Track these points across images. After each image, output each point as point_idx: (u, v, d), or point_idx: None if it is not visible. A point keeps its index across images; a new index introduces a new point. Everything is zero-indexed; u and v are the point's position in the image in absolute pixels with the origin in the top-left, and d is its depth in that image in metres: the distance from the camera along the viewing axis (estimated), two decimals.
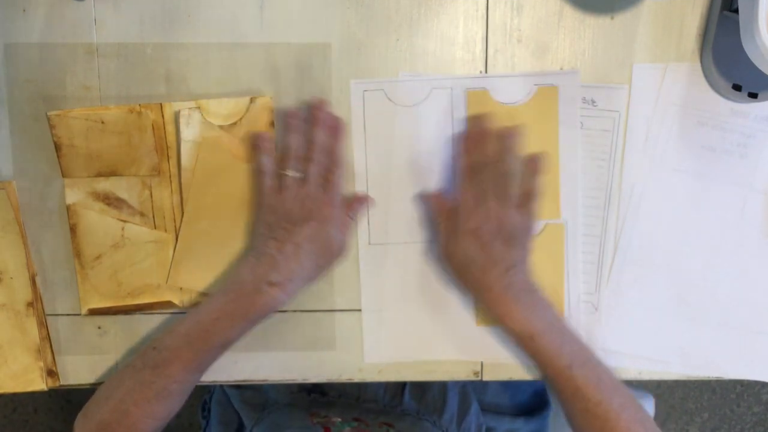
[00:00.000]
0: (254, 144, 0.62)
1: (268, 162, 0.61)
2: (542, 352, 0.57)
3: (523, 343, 0.58)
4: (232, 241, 0.64)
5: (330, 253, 0.61)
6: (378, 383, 0.77)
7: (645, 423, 0.56)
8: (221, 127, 0.63)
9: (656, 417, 1.47)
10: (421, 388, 0.78)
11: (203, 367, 0.59)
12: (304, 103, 0.63)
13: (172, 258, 0.64)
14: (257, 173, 0.62)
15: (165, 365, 0.57)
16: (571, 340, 0.58)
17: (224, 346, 0.59)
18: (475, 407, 0.81)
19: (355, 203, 0.64)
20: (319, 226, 0.59)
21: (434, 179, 0.65)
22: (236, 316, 0.58)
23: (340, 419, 0.69)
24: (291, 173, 0.60)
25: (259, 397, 0.80)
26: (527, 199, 0.60)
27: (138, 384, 0.57)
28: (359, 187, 0.65)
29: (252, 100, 0.63)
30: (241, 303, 0.58)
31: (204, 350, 0.58)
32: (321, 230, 0.59)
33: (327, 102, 0.62)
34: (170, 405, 0.58)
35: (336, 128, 0.62)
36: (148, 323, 0.66)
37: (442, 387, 0.79)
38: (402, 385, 0.78)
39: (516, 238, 0.59)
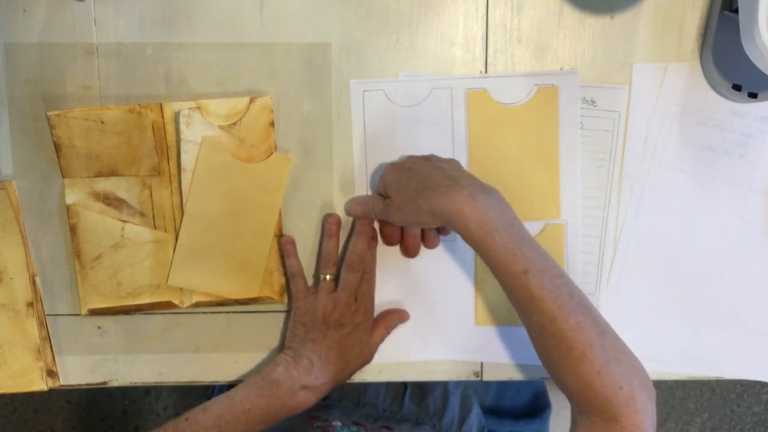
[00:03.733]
0: (281, 248, 0.64)
1: (296, 264, 0.64)
2: (497, 251, 0.51)
3: (478, 241, 0.52)
4: (232, 241, 0.64)
5: (361, 359, 0.63)
6: (378, 387, 0.77)
7: (607, 350, 0.50)
8: (221, 127, 0.63)
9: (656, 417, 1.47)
10: (422, 392, 0.78)
11: None
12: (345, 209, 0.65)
13: (172, 258, 0.64)
14: (289, 276, 0.64)
15: None
16: (531, 245, 0.52)
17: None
18: (476, 410, 0.81)
19: (394, 317, 0.65)
20: (353, 331, 0.62)
21: None
22: (267, 411, 0.59)
23: (340, 423, 0.69)
24: (328, 277, 0.62)
25: None
26: None
27: None
28: (359, 188, 0.65)
29: (252, 100, 0.63)
30: (274, 401, 0.59)
31: None
32: (354, 336, 0.62)
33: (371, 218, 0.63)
34: None
35: (373, 239, 0.64)
36: (148, 323, 0.66)
37: (444, 391, 0.79)
38: (403, 390, 0.78)
39: (440, 159, 0.59)
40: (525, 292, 0.51)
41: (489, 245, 0.51)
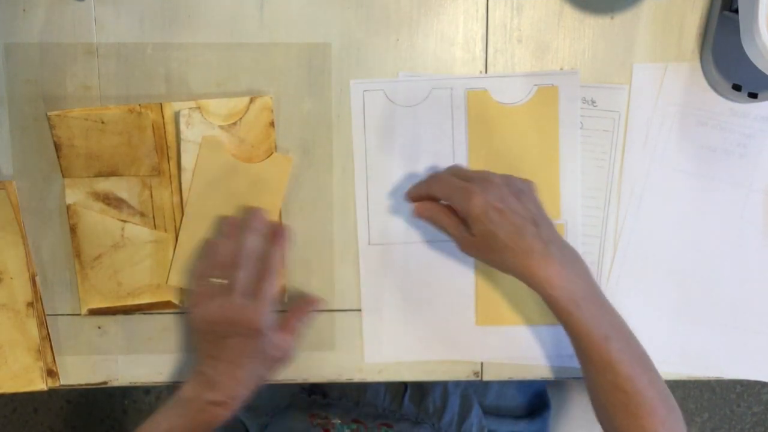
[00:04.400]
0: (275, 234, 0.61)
1: (199, 265, 0.60)
2: (582, 322, 0.54)
3: (564, 311, 0.54)
4: None
5: (269, 362, 0.60)
6: (378, 386, 0.77)
7: (668, 402, 0.55)
8: (221, 127, 0.63)
9: None
10: (421, 392, 0.78)
11: None
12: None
13: (172, 258, 0.64)
14: (191, 276, 0.61)
15: None
16: (609, 310, 0.55)
17: None
18: (476, 410, 0.81)
19: (303, 308, 0.62)
20: (246, 339, 0.57)
21: None
22: (186, 430, 0.57)
23: (339, 421, 0.69)
24: (216, 281, 0.58)
25: (258, 398, 0.80)
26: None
27: None
28: (359, 188, 0.65)
29: (252, 100, 0.63)
30: (187, 420, 0.57)
31: None
32: (250, 343, 0.57)
33: (264, 210, 0.61)
34: None
35: (276, 235, 0.61)
36: (148, 323, 0.66)
37: (443, 391, 0.79)
38: (402, 390, 0.78)
39: (524, 192, 0.56)
40: (604, 355, 0.54)
41: (574, 314, 0.54)
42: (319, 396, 0.78)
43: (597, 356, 0.54)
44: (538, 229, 0.55)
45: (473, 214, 0.55)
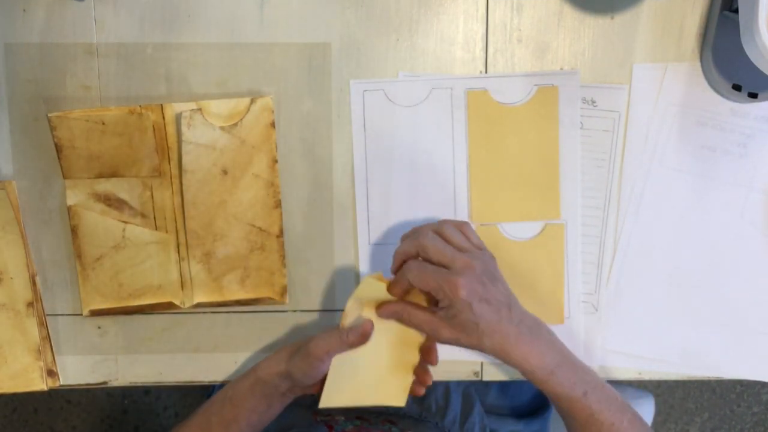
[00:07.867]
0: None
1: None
2: (560, 385, 0.57)
3: (542, 382, 0.57)
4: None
5: (304, 387, 0.61)
6: None
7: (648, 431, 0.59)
8: (222, 128, 0.63)
9: (656, 417, 1.47)
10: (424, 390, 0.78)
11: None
12: None
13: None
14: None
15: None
16: (581, 368, 0.58)
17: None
18: (478, 409, 0.81)
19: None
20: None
21: (434, 180, 0.65)
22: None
23: (343, 417, 0.69)
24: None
25: None
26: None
27: None
28: (359, 188, 0.65)
29: (253, 101, 0.63)
30: (246, 379, 0.62)
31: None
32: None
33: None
34: None
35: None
36: (148, 323, 0.66)
37: (446, 389, 0.79)
38: None
39: (496, 275, 0.57)
40: (586, 410, 0.57)
41: (551, 382, 0.56)
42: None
43: (579, 413, 0.57)
44: (511, 312, 0.56)
45: (458, 306, 0.54)
